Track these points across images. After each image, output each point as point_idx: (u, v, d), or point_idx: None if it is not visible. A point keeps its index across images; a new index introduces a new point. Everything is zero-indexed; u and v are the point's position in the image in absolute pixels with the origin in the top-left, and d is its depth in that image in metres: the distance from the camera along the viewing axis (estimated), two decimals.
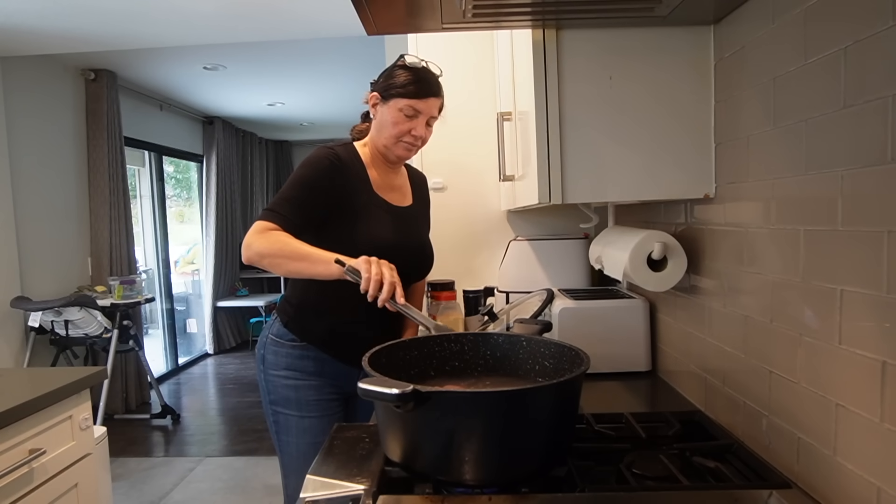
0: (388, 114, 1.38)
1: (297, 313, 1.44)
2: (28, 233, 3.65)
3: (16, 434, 1.39)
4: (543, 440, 0.88)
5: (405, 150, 1.41)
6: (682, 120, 1.17)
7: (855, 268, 0.76)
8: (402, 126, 1.38)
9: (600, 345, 1.51)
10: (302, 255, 1.24)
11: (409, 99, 1.36)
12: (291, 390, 1.42)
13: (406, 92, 1.36)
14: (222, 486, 3.11)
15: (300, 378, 1.42)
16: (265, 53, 3.97)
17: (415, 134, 1.39)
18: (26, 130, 3.66)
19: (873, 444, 0.74)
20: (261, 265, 1.27)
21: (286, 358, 1.43)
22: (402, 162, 1.49)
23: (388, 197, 1.45)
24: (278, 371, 1.43)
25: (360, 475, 0.92)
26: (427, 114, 1.39)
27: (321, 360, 1.43)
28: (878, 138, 0.71)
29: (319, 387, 1.43)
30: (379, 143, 1.42)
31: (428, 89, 1.38)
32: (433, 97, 1.39)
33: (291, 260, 1.24)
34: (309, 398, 1.42)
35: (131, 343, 3.99)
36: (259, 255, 1.25)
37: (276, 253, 1.25)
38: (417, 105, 1.37)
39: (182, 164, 6.15)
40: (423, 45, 2.10)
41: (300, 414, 1.42)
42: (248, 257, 1.27)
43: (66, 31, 3.02)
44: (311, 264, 1.23)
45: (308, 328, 1.43)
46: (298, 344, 1.42)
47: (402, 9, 1.07)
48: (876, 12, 0.71)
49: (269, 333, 1.47)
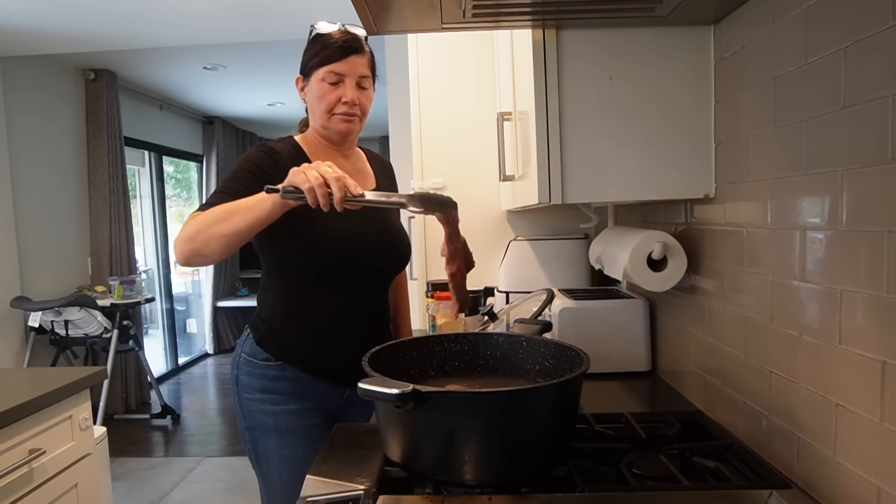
0: (312, 90, 1.28)
1: (270, 329, 1.29)
2: (28, 233, 3.65)
3: (16, 434, 1.39)
4: (543, 440, 0.88)
5: (342, 121, 1.27)
6: (682, 120, 1.17)
7: (855, 268, 0.76)
8: (329, 97, 1.25)
9: (600, 345, 1.51)
10: (231, 211, 1.06)
11: (327, 65, 1.24)
12: (269, 416, 1.27)
13: (321, 59, 1.25)
14: (222, 486, 3.11)
15: (278, 402, 1.27)
16: (265, 53, 3.97)
17: (345, 100, 1.25)
18: (26, 130, 3.66)
19: (873, 444, 0.74)
20: (195, 252, 1.07)
21: (260, 380, 1.27)
22: (346, 139, 1.33)
23: None
24: (253, 394, 1.28)
25: (360, 475, 0.92)
26: (353, 74, 1.25)
27: (300, 380, 1.27)
28: (878, 138, 0.71)
29: (301, 412, 1.28)
30: (317, 125, 1.31)
31: (345, 48, 1.25)
32: (354, 54, 1.25)
33: (222, 222, 1.06)
34: (289, 425, 1.27)
35: (131, 343, 3.99)
36: (187, 239, 1.07)
37: (202, 226, 1.06)
38: (338, 68, 1.24)
39: (182, 164, 6.15)
40: (423, 45, 2.10)
41: (280, 442, 1.27)
42: (179, 251, 1.08)
43: (66, 31, 3.02)
44: (244, 213, 1.05)
45: (283, 345, 1.28)
46: (273, 364, 1.27)
47: (401, 9, 1.06)
48: (876, 12, 0.71)
49: (242, 352, 1.31)
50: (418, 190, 1.06)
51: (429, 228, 2.15)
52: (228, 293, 6.35)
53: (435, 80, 2.11)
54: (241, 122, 6.38)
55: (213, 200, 1.13)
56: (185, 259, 1.08)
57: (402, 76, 2.27)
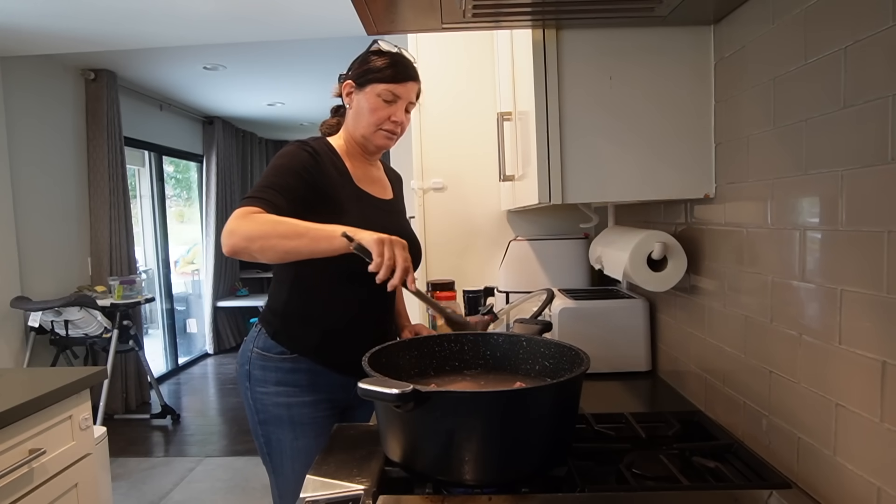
0: (365, 101, 1.31)
1: (284, 323, 1.33)
2: (28, 233, 3.65)
3: (16, 434, 1.39)
4: (543, 440, 0.88)
5: (385, 138, 1.34)
6: (682, 120, 1.17)
7: (855, 268, 0.76)
8: (381, 112, 1.30)
9: (600, 345, 1.51)
10: (299, 232, 1.10)
11: (388, 83, 1.29)
12: (283, 408, 1.31)
13: (384, 76, 1.29)
14: (222, 486, 3.11)
15: (292, 394, 1.31)
16: (265, 53, 3.97)
17: (394, 120, 1.32)
18: (26, 130, 3.66)
19: (873, 444, 0.74)
20: (248, 252, 1.11)
21: (275, 373, 1.31)
22: (380, 152, 1.41)
23: (371, 190, 1.38)
24: (267, 388, 1.32)
25: (360, 475, 0.92)
26: (406, 99, 1.32)
27: (314, 372, 1.32)
28: (878, 138, 0.71)
29: (314, 403, 1.32)
30: (357, 134, 1.35)
31: (406, 73, 1.31)
32: (412, 81, 1.33)
33: (287, 239, 1.10)
34: (303, 417, 1.31)
35: (131, 343, 3.99)
36: (247, 238, 1.10)
37: (267, 234, 1.10)
38: (396, 90, 1.30)
39: (182, 164, 6.15)
40: (423, 45, 2.11)
41: (294, 434, 1.31)
42: (233, 244, 1.11)
43: (66, 31, 3.02)
44: (311, 241, 1.09)
45: (297, 337, 1.32)
46: (289, 356, 1.31)
47: (401, 9, 1.07)
48: (876, 12, 0.71)
49: (255, 347, 1.34)
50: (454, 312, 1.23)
51: (429, 228, 2.15)
52: (228, 293, 6.35)
53: (435, 81, 2.11)
54: (241, 122, 6.38)
55: (267, 196, 1.17)
56: (234, 252, 1.12)
57: None
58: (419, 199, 2.15)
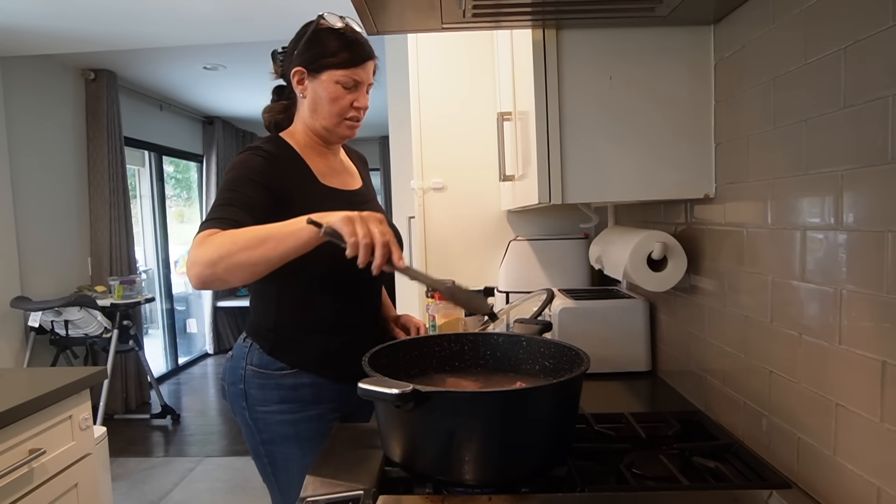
0: (323, 90, 1.19)
1: (279, 337, 1.25)
2: (28, 233, 3.65)
3: (16, 434, 1.39)
4: (543, 440, 0.88)
5: (349, 128, 1.24)
6: (682, 120, 1.17)
7: (855, 268, 0.76)
8: (343, 101, 1.19)
9: (600, 345, 1.51)
10: (261, 237, 0.99)
11: (347, 69, 1.18)
12: (289, 426, 1.23)
13: (341, 61, 1.17)
14: (222, 486, 3.11)
15: (297, 410, 1.23)
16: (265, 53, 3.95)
17: (358, 105, 1.21)
18: (26, 130, 3.66)
19: (873, 444, 0.74)
20: (217, 277, 0.99)
21: (276, 390, 1.22)
22: (343, 142, 1.32)
23: (336, 183, 1.28)
24: (268, 406, 1.23)
25: (360, 475, 0.92)
26: (367, 81, 1.22)
27: (318, 384, 1.24)
28: (878, 138, 0.71)
29: (319, 416, 1.24)
30: (317, 126, 1.24)
31: (363, 52, 1.19)
32: (370, 59, 1.21)
33: (251, 249, 0.98)
34: (310, 432, 1.23)
35: (131, 343, 3.99)
36: (209, 264, 0.98)
37: (228, 252, 0.98)
38: (356, 74, 1.19)
39: (182, 164, 6.15)
40: (423, 45, 2.11)
41: (302, 451, 1.23)
42: (198, 274, 0.99)
43: (66, 31, 3.02)
44: (277, 242, 0.98)
45: (297, 351, 1.24)
46: (289, 371, 1.23)
47: (401, 9, 1.06)
48: (876, 12, 0.71)
49: (249, 365, 1.24)
50: (457, 283, 1.07)
51: (429, 229, 2.15)
52: (228, 293, 6.35)
53: (435, 81, 2.11)
54: (241, 122, 6.38)
55: (225, 215, 1.06)
56: (203, 284, 1.00)
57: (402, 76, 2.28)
58: (419, 199, 2.15)
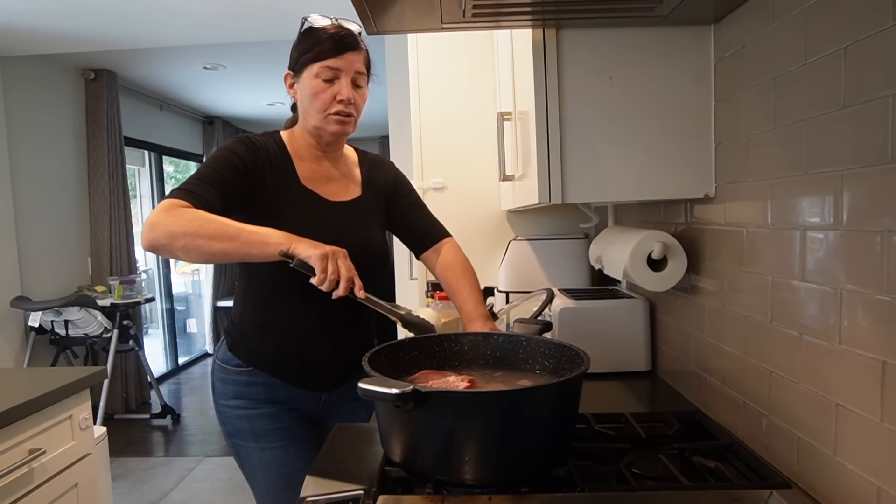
0: (305, 87, 1.19)
1: (241, 335, 1.27)
2: (28, 233, 3.65)
3: (16, 434, 1.39)
4: (543, 440, 0.88)
5: (337, 123, 1.20)
6: (682, 120, 1.17)
7: (855, 268, 0.76)
8: (323, 95, 1.17)
9: (600, 345, 1.51)
10: (230, 234, 1.01)
11: (322, 60, 1.16)
12: (245, 420, 1.26)
13: (317, 54, 1.17)
14: (222, 486, 3.11)
15: (251, 406, 1.26)
16: (265, 53, 3.97)
17: (340, 98, 1.17)
18: (26, 130, 3.66)
19: (873, 443, 0.74)
20: (170, 250, 1.02)
21: (234, 386, 1.26)
22: (338, 140, 1.26)
23: (322, 190, 1.25)
24: (228, 401, 1.27)
25: (360, 475, 0.92)
26: (349, 71, 1.18)
27: (271, 385, 1.26)
28: (878, 138, 0.71)
29: (275, 414, 1.26)
30: (309, 126, 1.23)
31: (342, 43, 1.17)
32: (350, 51, 1.18)
33: (216, 240, 1.01)
34: (266, 428, 1.25)
35: (131, 343, 4.00)
36: (170, 235, 1.00)
37: (194, 232, 1.00)
38: (334, 63, 1.17)
39: (182, 164, 6.15)
40: (423, 45, 2.11)
41: (259, 445, 1.25)
42: (154, 239, 1.01)
43: (66, 31, 3.02)
44: (243, 244, 1.02)
45: (253, 351, 1.26)
46: (245, 369, 1.25)
47: (401, 9, 1.06)
48: (876, 12, 0.71)
49: (217, 359, 1.30)
50: (410, 313, 1.15)
51: None
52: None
53: (435, 80, 2.11)
54: (241, 122, 6.38)
55: (198, 190, 1.09)
56: (154, 248, 1.02)
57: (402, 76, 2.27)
58: None
